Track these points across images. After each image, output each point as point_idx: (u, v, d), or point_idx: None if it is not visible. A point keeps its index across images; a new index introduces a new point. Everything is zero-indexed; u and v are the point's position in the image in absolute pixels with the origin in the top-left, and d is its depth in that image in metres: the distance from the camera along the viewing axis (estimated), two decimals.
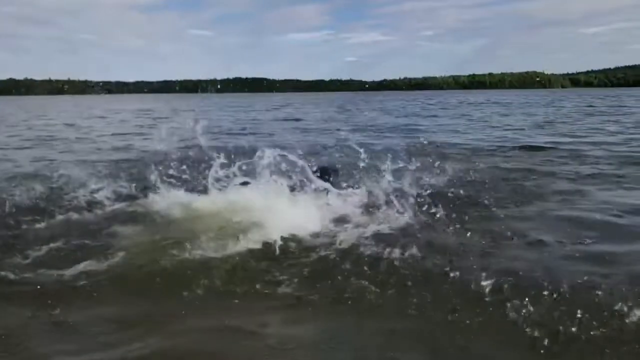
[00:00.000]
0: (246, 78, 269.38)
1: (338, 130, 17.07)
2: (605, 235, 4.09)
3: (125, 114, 30.81)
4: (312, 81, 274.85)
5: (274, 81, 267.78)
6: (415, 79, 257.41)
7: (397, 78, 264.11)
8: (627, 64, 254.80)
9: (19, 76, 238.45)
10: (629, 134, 13.58)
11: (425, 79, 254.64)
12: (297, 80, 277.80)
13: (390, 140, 13.14)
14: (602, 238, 4.04)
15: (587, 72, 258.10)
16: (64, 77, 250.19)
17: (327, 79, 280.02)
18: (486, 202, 5.28)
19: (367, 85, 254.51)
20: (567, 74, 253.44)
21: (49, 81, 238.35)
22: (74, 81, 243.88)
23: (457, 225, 4.38)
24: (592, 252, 3.72)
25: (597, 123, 17.96)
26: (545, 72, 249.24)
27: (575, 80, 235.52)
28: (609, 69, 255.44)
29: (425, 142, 12.33)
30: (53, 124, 22.12)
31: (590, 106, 32.67)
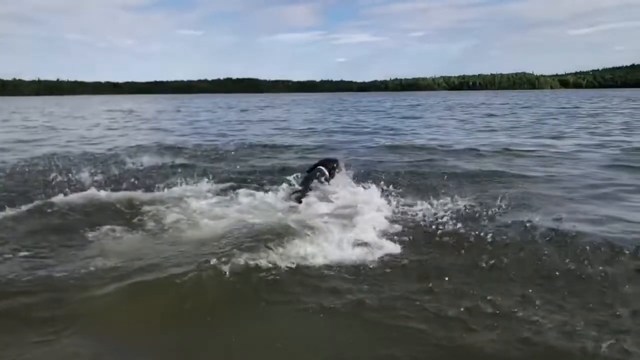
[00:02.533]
0: (236, 78, 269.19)
1: (325, 130, 17.00)
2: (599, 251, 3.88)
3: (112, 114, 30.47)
4: (303, 82, 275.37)
5: (264, 81, 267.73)
6: (405, 79, 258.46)
7: (388, 79, 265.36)
8: (614, 65, 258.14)
9: (7, 76, 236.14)
10: (613, 136, 13.56)
11: (415, 79, 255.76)
12: (288, 81, 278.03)
13: (378, 141, 13.00)
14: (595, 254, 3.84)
15: (576, 73, 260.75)
16: (53, 78, 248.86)
17: (317, 79, 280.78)
18: (477, 205, 5.14)
19: (357, 86, 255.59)
20: (557, 75, 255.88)
21: (38, 81, 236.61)
22: (63, 81, 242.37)
23: (446, 236, 4.21)
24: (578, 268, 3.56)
25: (583, 125, 17.98)
26: (535, 73, 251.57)
27: (564, 81, 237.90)
28: (597, 70, 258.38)
29: (407, 142, 12.37)
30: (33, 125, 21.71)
31: (576, 107, 32.85)
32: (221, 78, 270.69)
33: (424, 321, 2.76)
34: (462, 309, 2.87)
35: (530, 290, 3.12)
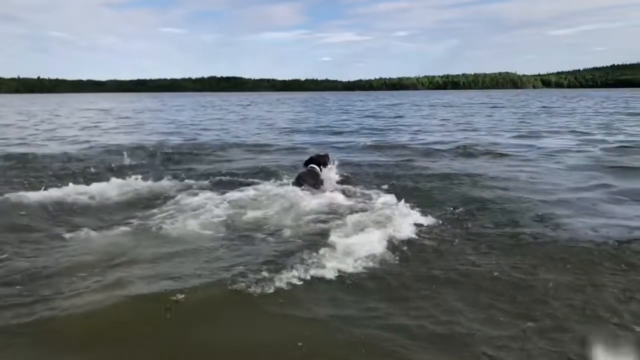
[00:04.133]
0: (221, 77, 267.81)
1: (308, 129, 16.91)
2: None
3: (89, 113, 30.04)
4: (288, 81, 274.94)
5: (249, 80, 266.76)
6: (390, 79, 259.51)
7: (372, 78, 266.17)
8: (595, 66, 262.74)
9: None
10: (594, 135, 13.68)
11: (400, 79, 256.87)
12: (273, 80, 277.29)
13: (361, 140, 12.91)
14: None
15: (558, 73, 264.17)
16: (34, 76, 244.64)
17: (302, 78, 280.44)
18: (459, 208, 5.09)
19: (342, 85, 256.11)
20: (539, 75, 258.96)
21: (18, 79, 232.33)
22: (43, 80, 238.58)
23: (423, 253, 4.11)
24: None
25: (564, 124, 18.15)
26: (518, 73, 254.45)
27: (546, 81, 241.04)
28: (578, 70, 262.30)
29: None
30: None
31: (558, 107, 33.24)
32: (205, 77, 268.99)
33: (387, 333, 2.68)
34: (430, 322, 2.78)
35: (507, 303, 3.02)
